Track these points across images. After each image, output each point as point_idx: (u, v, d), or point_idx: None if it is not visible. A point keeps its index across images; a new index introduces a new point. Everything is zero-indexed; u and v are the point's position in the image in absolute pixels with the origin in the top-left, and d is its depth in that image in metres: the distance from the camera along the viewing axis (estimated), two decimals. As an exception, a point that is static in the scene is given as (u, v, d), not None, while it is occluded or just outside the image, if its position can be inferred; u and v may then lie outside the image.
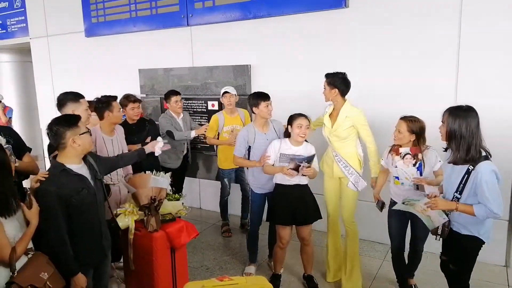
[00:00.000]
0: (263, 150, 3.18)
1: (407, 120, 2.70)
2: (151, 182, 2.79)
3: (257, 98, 3.19)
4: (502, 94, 3.32)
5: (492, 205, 2.11)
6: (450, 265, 2.43)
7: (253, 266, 3.55)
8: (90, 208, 2.11)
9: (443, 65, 3.50)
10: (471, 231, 2.29)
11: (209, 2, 4.56)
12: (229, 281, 2.03)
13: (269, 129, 3.29)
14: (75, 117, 2.13)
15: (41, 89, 6.54)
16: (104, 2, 5.38)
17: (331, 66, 3.83)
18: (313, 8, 3.97)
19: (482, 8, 3.30)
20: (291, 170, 2.87)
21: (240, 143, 3.27)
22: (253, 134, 3.24)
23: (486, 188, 2.12)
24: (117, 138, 3.17)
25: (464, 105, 2.27)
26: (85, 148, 2.11)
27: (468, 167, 2.20)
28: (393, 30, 3.66)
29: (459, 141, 2.19)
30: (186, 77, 4.87)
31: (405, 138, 2.69)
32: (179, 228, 2.80)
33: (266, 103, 3.16)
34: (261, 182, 3.27)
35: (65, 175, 2.03)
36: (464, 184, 2.21)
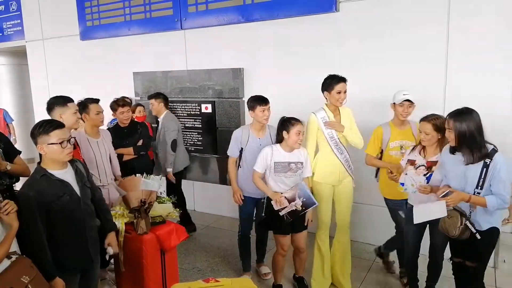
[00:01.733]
0: (255, 155, 3.13)
1: (429, 119, 2.64)
2: (142, 185, 2.82)
3: (254, 101, 3.15)
4: (491, 95, 3.37)
5: (505, 194, 2.26)
6: (467, 262, 2.49)
7: (248, 275, 3.45)
8: (73, 213, 2.12)
9: (432, 68, 3.55)
10: (492, 222, 2.39)
11: (202, 6, 4.60)
12: (215, 282, 2.06)
13: (265, 135, 3.24)
14: (51, 125, 2.09)
15: (36, 92, 6.57)
16: (99, 6, 5.42)
17: (322, 69, 3.88)
18: (305, 12, 4.02)
19: (469, 10, 3.36)
20: (284, 199, 2.81)
21: (233, 144, 3.27)
22: (247, 136, 3.22)
23: (504, 177, 2.26)
24: (102, 141, 3.16)
25: (463, 108, 2.37)
26: (52, 157, 2.08)
27: (485, 160, 2.30)
28: (383, 33, 3.71)
29: (471, 141, 2.29)
30: (180, 80, 4.91)
31: (433, 138, 2.64)
32: (169, 230, 2.83)
33: (263, 107, 3.10)
34: (252, 187, 3.19)
35: (45, 180, 2.05)
36: (484, 178, 2.30)
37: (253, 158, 3.15)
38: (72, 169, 2.19)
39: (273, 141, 3.24)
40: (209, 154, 4.85)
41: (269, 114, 3.16)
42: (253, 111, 3.14)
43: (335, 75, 2.98)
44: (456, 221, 2.38)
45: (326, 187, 3.10)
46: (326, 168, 3.07)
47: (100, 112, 3.12)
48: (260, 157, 2.95)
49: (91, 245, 2.25)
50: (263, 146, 3.13)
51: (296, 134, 2.84)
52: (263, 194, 3.21)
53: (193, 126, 4.87)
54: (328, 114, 3.03)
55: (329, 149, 3.04)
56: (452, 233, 2.41)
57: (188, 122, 4.90)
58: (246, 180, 3.25)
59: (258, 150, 3.14)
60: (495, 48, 3.31)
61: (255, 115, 3.14)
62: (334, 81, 2.95)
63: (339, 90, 2.93)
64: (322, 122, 3.02)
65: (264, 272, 3.54)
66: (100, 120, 3.13)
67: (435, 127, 2.61)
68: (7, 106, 7.37)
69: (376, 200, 3.53)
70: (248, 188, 3.27)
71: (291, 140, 2.86)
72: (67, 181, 2.12)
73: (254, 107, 3.12)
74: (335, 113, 3.07)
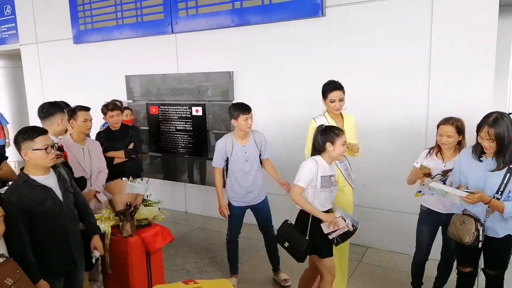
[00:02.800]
0: (241, 163, 3.14)
1: (451, 122, 2.62)
2: (127, 188, 2.88)
3: (236, 110, 3.07)
4: (472, 99, 3.42)
5: None
6: (487, 270, 2.48)
7: (235, 278, 3.44)
8: (55, 218, 2.17)
9: (415, 73, 3.60)
10: (508, 229, 2.36)
11: (192, 10, 4.66)
12: (194, 284, 2.12)
13: (249, 141, 3.20)
14: (35, 131, 2.14)
15: (31, 95, 6.62)
16: (92, 10, 5.47)
17: (310, 73, 3.94)
18: (292, 17, 4.07)
19: (452, 16, 3.41)
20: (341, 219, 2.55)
21: (217, 155, 3.22)
22: (231, 145, 3.17)
23: None
24: (88, 148, 3.18)
25: (495, 114, 2.30)
26: (36, 163, 2.12)
27: (509, 166, 2.27)
28: (367, 38, 3.76)
29: (508, 147, 2.25)
30: (171, 83, 4.96)
31: (455, 140, 2.63)
32: (154, 233, 2.89)
33: (246, 116, 3.03)
34: (240, 196, 3.24)
35: (27, 186, 2.10)
36: (506, 183, 2.27)
37: (240, 166, 3.16)
38: (55, 174, 2.25)
39: (258, 147, 3.23)
40: (200, 156, 4.90)
41: (251, 122, 3.10)
42: (236, 119, 3.06)
43: (331, 82, 2.92)
44: (470, 227, 2.33)
45: None
46: None
47: (87, 120, 3.15)
48: (306, 172, 2.57)
49: (74, 249, 2.30)
50: (248, 154, 3.15)
51: (342, 145, 2.57)
52: (249, 202, 3.22)
53: (184, 128, 4.93)
54: (329, 120, 2.95)
55: None
56: (466, 239, 2.34)
57: (179, 124, 4.96)
58: (234, 189, 3.25)
59: (244, 157, 3.15)
60: (475, 51, 3.36)
61: (238, 124, 3.07)
62: (329, 89, 2.89)
63: (333, 99, 2.87)
64: None
65: (284, 278, 3.41)
66: (87, 127, 3.15)
67: (457, 130, 2.60)
68: (2, 109, 7.42)
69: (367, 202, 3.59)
70: (236, 197, 3.26)
71: (336, 152, 2.57)
72: (49, 186, 2.18)
73: (237, 116, 3.05)
74: (337, 120, 2.99)
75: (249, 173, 3.20)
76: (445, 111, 2.89)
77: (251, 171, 3.21)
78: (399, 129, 3.71)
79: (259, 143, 3.25)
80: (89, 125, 3.17)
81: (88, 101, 4.24)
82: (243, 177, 3.20)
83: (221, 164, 3.26)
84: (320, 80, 3.05)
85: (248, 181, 3.21)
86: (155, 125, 5.14)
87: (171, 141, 5.07)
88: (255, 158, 3.24)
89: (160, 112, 5.07)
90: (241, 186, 3.22)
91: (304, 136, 3.12)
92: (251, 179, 3.21)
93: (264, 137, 3.31)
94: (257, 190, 3.27)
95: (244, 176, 3.20)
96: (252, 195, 3.26)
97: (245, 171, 3.20)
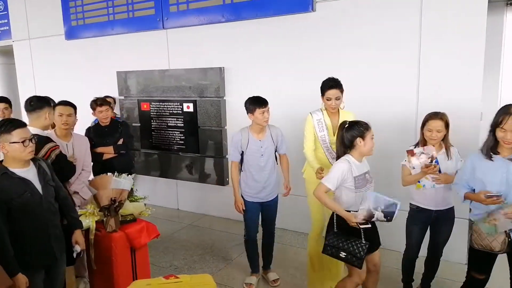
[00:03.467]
0: (256, 157, 3.09)
1: (439, 116, 2.61)
2: (112, 183, 2.85)
3: (253, 104, 3.00)
4: (460, 96, 3.40)
5: None
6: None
7: (255, 277, 3.36)
8: (34, 211, 2.15)
9: (406, 67, 3.58)
10: None
11: (183, 6, 4.63)
12: (174, 279, 2.11)
13: (265, 136, 3.13)
14: (12, 124, 2.12)
15: (23, 91, 6.58)
16: (83, 6, 5.44)
17: (301, 68, 3.92)
18: (283, 12, 4.05)
19: (441, 12, 3.39)
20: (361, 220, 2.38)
21: (233, 148, 3.16)
22: (246, 139, 3.10)
23: None
24: (72, 144, 3.12)
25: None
26: (14, 156, 2.10)
27: None
28: (357, 33, 3.74)
29: None
30: (162, 79, 4.93)
31: (443, 135, 2.63)
32: (139, 228, 2.87)
33: (262, 109, 2.98)
34: (254, 191, 3.16)
35: (6, 178, 2.08)
36: None
37: (255, 161, 3.11)
38: (35, 167, 2.22)
39: (274, 141, 3.18)
40: (191, 153, 4.88)
41: (268, 116, 3.04)
42: (253, 113, 3.01)
43: (329, 79, 2.89)
44: (500, 235, 2.26)
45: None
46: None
47: (63, 114, 3.03)
48: (336, 173, 2.46)
49: (54, 243, 2.28)
50: (264, 148, 3.10)
51: (371, 139, 2.46)
52: (264, 198, 3.16)
53: (175, 125, 4.90)
54: (325, 117, 2.96)
55: (321, 151, 3.01)
56: (498, 248, 2.28)
57: (170, 121, 4.93)
58: (248, 184, 3.18)
59: (260, 152, 3.10)
60: (464, 48, 3.35)
61: (255, 117, 3.01)
62: (326, 86, 2.87)
63: (329, 97, 2.85)
64: (317, 123, 2.97)
65: (273, 278, 3.38)
66: (61, 122, 3.03)
67: (445, 124, 2.60)
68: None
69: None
70: (251, 193, 3.19)
71: (367, 147, 2.45)
72: (28, 179, 2.16)
73: (254, 110, 2.99)
74: (333, 117, 2.98)
75: (264, 168, 3.14)
76: (436, 109, 2.86)
77: (266, 166, 3.15)
78: (388, 125, 3.69)
79: (275, 138, 3.19)
80: (64, 119, 3.04)
81: (81, 97, 4.24)
82: (258, 171, 3.13)
83: (237, 158, 3.17)
84: (311, 75, 3.05)
85: (263, 176, 3.14)
86: (147, 121, 5.11)
87: (162, 138, 5.04)
88: (271, 153, 3.18)
89: (152, 109, 5.05)
90: (256, 181, 3.14)
91: (294, 132, 3.11)
92: (266, 174, 3.15)
93: (281, 131, 3.25)
94: (271, 186, 3.20)
95: (260, 171, 3.13)
96: (266, 191, 3.19)
97: (260, 166, 3.13)
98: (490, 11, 3.83)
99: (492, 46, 3.90)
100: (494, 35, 3.92)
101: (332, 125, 2.96)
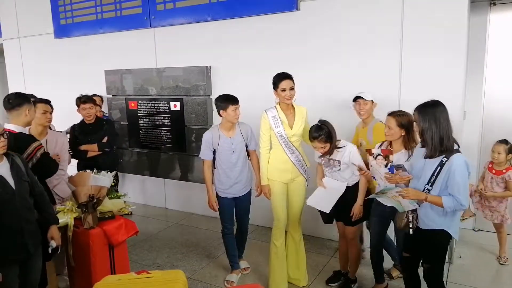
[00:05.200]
0: (228, 154, 3.16)
1: (395, 115, 2.69)
2: (91, 180, 2.85)
3: (225, 101, 3.08)
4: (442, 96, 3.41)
5: (462, 197, 2.23)
6: (423, 264, 2.52)
7: (235, 274, 3.41)
8: (6, 205, 2.14)
9: (388, 67, 3.59)
10: (441, 225, 2.37)
11: (170, 4, 4.64)
12: (146, 274, 2.11)
13: (235, 133, 3.22)
14: None
15: (13, 90, 6.56)
16: (72, 4, 5.44)
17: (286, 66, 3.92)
18: (267, 11, 4.06)
19: (423, 12, 3.40)
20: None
21: (205, 148, 3.22)
22: (217, 137, 3.18)
23: (459, 179, 2.22)
24: (46, 141, 3.10)
25: (430, 101, 2.36)
26: None
27: (442, 159, 2.28)
28: (340, 31, 3.76)
29: (432, 135, 2.27)
30: (150, 77, 4.93)
31: (396, 133, 2.68)
32: (118, 225, 2.86)
33: (235, 107, 3.07)
34: (226, 187, 3.24)
35: None
36: (436, 176, 2.29)
37: (227, 158, 3.17)
38: (8, 163, 2.22)
39: (245, 138, 3.24)
40: (178, 151, 4.88)
41: (239, 113, 3.14)
42: (225, 110, 3.07)
43: (280, 73, 2.98)
44: (402, 213, 2.46)
45: (279, 185, 3.13)
46: (279, 166, 3.10)
47: (47, 112, 3.07)
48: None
49: (29, 238, 2.27)
50: (235, 145, 3.16)
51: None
52: (236, 193, 3.24)
53: (162, 124, 4.90)
54: (279, 113, 3.03)
55: (280, 148, 3.06)
56: (398, 224, 2.49)
57: (157, 120, 4.93)
58: (221, 181, 3.25)
59: (230, 149, 3.16)
60: (446, 49, 3.36)
61: (227, 114, 3.08)
62: (279, 79, 2.95)
63: (284, 88, 2.93)
64: (272, 120, 3.04)
65: (244, 266, 3.54)
66: (46, 119, 3.07)
67: (398, 123, 2.65)
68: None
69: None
70: (224, 188, 3.25)
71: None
72: (1, 174, 2.15)
73: (227, 107, 3.06)
74: (288, 112, 3.05)
75: (236, 164, 3.22)
76: None
77: (238, 162, 3.22)
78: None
79: (245, 134, 3.26)
80: (48, 117, 3.10)
81: (69, 96, 4.25)
82: (230, 168, 3.21)
83: (209, 156, 3.23)
84: (296, 73, 3.06)
85: (235, 172, 3.22)
86: (134, 120, 5.11)
87: (149, 136, 5.04)
88: (242, 149, 3.25)
89: (139, 107, 5.05)
90: (229, 177, 3.22)
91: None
92: (238, 170, 3.23)
93: (250, 128, 3.31)
94: (243, 181, 3.28)
95: (232, 167, 3.21)
96: (239, 187, 3.26)
97: (232, 163, 3.21)
98: (474, 12, 3.86)
99: (476, 46, 3.93)
100: (478, 35, 3.93)
101: (288, 120, 3.03)
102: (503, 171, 3.49)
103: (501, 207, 3.53)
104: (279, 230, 3.17)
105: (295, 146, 3.07)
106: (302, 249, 3.29)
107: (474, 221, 4.20)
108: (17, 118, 2.79)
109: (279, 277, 3.18)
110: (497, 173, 3.51)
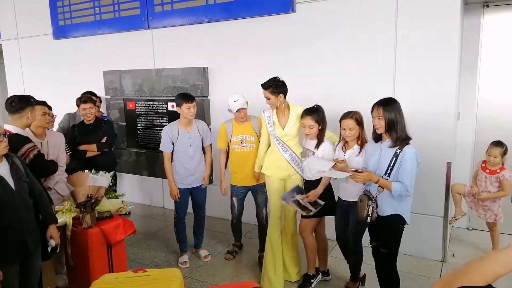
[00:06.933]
0: (186, 147, 3.45)
1: (351, 116, 2.82)
2: (89, 180, 2.90)
3: (181, 99, 3.36)
4: (436, 97, 3.47)
5: (408, 184, 2.45)
6: (381, 249, 2.68)
7: (186, 255, 3.78)
8: (6, 205, 2.19)
9: (382, 68, 3.64)
10: (396, 209, 2.57)
11: (168, 6, 4.68)
12: (143, 273, 2.16)
13: (193, 129, 3.50)
14: None
15: (12, 90, 6.60)
16: (71, 5, 5.48)
17: (282, 68, 3.99)
18: (264, 13, 4.11)
19: (416, 14, 3.45)
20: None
21: (166, 140, 3.48)
22: (176, 132, 3.46)
23: (408, 168, 2.45)
24: (47, 142, 3.13)
25: (388, 98, 2.58)
26: None
27: (395, 150, 2.50)
28: (336, 33, 3.81)
29: (397, 127, 2.48)
30: (148, 78, 4.98)
31: (357, 132, 2.82)
32: (116, 225, 2.91)
33: (188, 105, 3.34)
34: (182, 177, 3.53)
35: None
36: (393, 166, 2.50)
37: (185, 150, 3.47)
38: (8, 163, 2.27)
39: (201, 134, 3.52)
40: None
41: (194, 111, 3.40)
42: (180, 107, 3.36)
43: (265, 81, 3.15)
44: (364, 204, 2.59)
45: (275, 181, 3.23)
46: (275, 163, 3.22)
47: (46, 113, 3.11)
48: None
49: (29, 238, 2.32)
50: (192, 139, 3.45)
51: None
52: (191, 184, 3.55)
53: (160, 124, 4.94)
54: (273, 114, 3.22)
55: (275, 148, 3.20)
56: (361, 215, 2.61)
57: (155, 120, 4.98)
58: (178, 172, 3.53)
59: (188, 142, 3.44)
60: (438, 51, 3.41)
61: (182, 111, 3.37)
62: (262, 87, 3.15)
63: (265, 97, 3.14)
64: (267, 120, 3.21)
65: (204, 255, 3.84)
66: (46, 121, 3.11)
67: (357, 122, 2.79)
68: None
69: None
70: (181, 180, 3.55)
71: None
72: (1, 175, 2.20)
73: (181, 104, 3.34)
74: (280, 114, 3.20)
75: (193, 157, 3.53)
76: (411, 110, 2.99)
77: (195, 156, 3.54)
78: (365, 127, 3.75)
79: (201, 131, 3.57)
80: (48, 119, 3.14)
81: (68, 97, 4.29)
82: (187, 160, 3.51)
83: (170, 149, 3.50)
84: (292, 75, 3.15)
85: (192, 164, 3.54)
86: (133, 120, 5.16)
87: (148, 137, 5.09)
88: (199, 144, 3.58)
89: (137, 108, 5.09)
90: (186, 168, 3.52)
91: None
92: (195, 163, 3.55)
93: (207, 126, 3.69)
94: (199, 174, 3.60)
95: (189, 160, 3.51)
96: (194, 177, 3.58)
97: (189, 155, 3.51)
98: (467, 13, 3.91)
99: (469, 47, 3.98)
100: (472, 36, 3.98)
101: (280, 120, 3.19)
102: (497, 171, 3.54)
103: (494, 206, 3.59)
104: (274, 225, 3.24)
105: (289, 146, 3.16)
106: (296, 245, 3.34)
107: (468, 220, 4.26)
108: (18, 121, 2.82)
109: (273, 272, 3.23)
110: (491, 173, 3.57)
